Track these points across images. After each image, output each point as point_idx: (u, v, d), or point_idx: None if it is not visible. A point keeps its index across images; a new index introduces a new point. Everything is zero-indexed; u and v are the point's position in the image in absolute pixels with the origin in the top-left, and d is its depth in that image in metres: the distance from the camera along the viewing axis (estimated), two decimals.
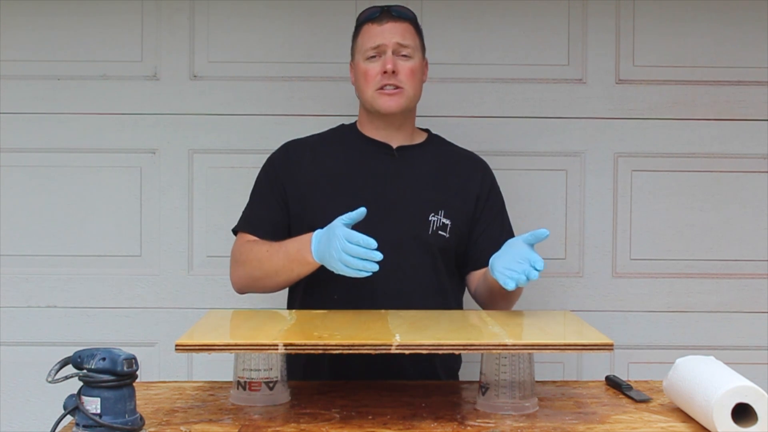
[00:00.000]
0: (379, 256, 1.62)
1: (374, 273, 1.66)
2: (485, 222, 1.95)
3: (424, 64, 2.00)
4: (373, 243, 1.62)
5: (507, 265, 1.68)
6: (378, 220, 1.79)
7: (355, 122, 2.03)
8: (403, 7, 1.97)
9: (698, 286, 2.44)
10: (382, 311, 1.75)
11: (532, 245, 1.69)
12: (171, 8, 2.42)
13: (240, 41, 2.43)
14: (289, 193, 1.92)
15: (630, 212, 2.44)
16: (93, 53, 2.42)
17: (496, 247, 1.82)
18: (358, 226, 1.71)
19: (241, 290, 1.95)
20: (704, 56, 2.43)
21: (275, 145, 2.11)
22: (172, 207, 2.43)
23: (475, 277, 1.95)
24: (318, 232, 1.73)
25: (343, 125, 2.06)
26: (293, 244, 1.78)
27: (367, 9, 1.97)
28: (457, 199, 1.93)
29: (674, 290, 2.44)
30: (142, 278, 2.44)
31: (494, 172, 2.18)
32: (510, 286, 1.65)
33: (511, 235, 1.94)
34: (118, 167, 2.43)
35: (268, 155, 2.07)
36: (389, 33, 1.90)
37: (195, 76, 2.44)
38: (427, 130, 2.06)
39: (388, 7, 1.94)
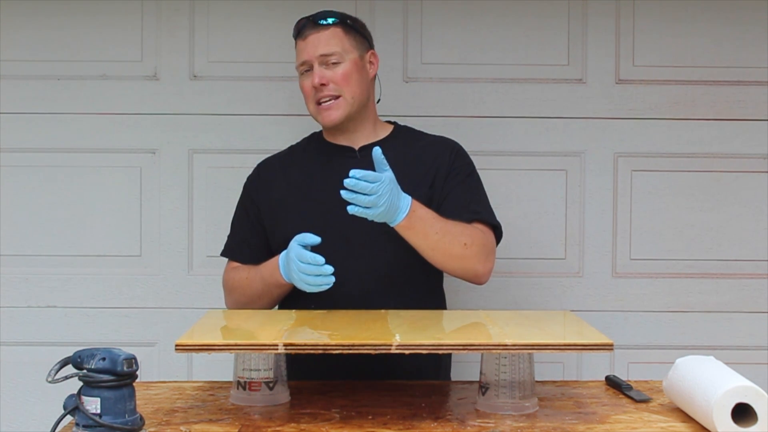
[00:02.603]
0: (329, 269, 1.71)
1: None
2: (449, 187, 1.91)
3: (368, 58, 1.97)
4: (321, 259, 1.71)
5: None
6: (345, 224, 1.80)
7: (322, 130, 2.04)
8: (328, 11, 1.94)
9: (698, 286, 2.44)
10: (382, 311, 1.75)
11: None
12: (171, 8, 2.42)
13: (240, 41, 2.43)
14: (263, 212, 1.96)
15: (630, 212, 2.44)
16: (93, 53, 2.42)
17: (463, 210, 1.84)
18: (329, 230, 1.80)
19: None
20: (704, 56, 2.43)
21: (275, 145, 2.12)
22: (172, 207, 2.44)
23: None
24: (282, 254, 1.82)
25: (314, 134, 2.07)
26: (267, 269, 1.86)
27: (297, 23, 1.96)
28: (425, 186, 1.89)
29: (674, 290, 2.44)
30: (142, 278, 2.44)
31: (495, 172, 2.19)
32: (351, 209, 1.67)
33: (483, 203, 1.92)
34: (118, 167, 2.43)
35: (268, 155, 2.07)
36: (312, 46, 1.90)
37: (195, 76, 2.44)
38: (394, 123, 2.05)
39: (312, 16, 1.93)
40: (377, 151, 1.68)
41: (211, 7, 2.43)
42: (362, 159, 1.94)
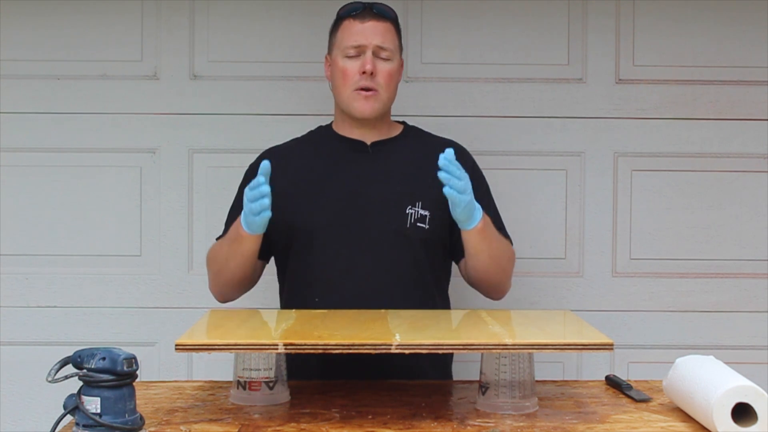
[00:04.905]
0: (260, 180, 1.66)
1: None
2: None
3: (401, 64, 1.98)
4: (261, 179, 1.67)
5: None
6: (355, 218, 1.80)
7: (331, 123, 2.03)
8: (385, 5, 1.94)
9: (698, 286, 2.44)
10: (382, 311, 1.75)
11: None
12: (171, 8, 2.42)
13: (240, 41, 2.43)
14: None
15: (630, 212, 2.44)
16: (93, 53, 2.42)
17: None
18: (338, 223, 1.82)
19: (219, 295, 1.99)
20: (704, 56, 2.43)
21: (275, 144, 2.12)
22: (172, 207, 2.44)
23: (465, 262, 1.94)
24: None
25: (320, 127, 2.06)
26: (233, 230, 1.84)
27: (348, 4, 1.94)
28: (436, 189, 1.83)
29: (674, 290, 2.44)
30: (142, 278, 2.43)
31: (494, 172, 2.18)
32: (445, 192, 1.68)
33: (497, 217, 1.94)
34: (118, 167, 2.43)
35: None
36: (371, 33, 1.88)
37: (195, 76, 2.44)
38: (403, 123, 2.05)
39: (371, 4, 1.92)
40: (450, 152, 1.68)
41: (211, 7, 2.43)
42: (373, 155, 1.94)
